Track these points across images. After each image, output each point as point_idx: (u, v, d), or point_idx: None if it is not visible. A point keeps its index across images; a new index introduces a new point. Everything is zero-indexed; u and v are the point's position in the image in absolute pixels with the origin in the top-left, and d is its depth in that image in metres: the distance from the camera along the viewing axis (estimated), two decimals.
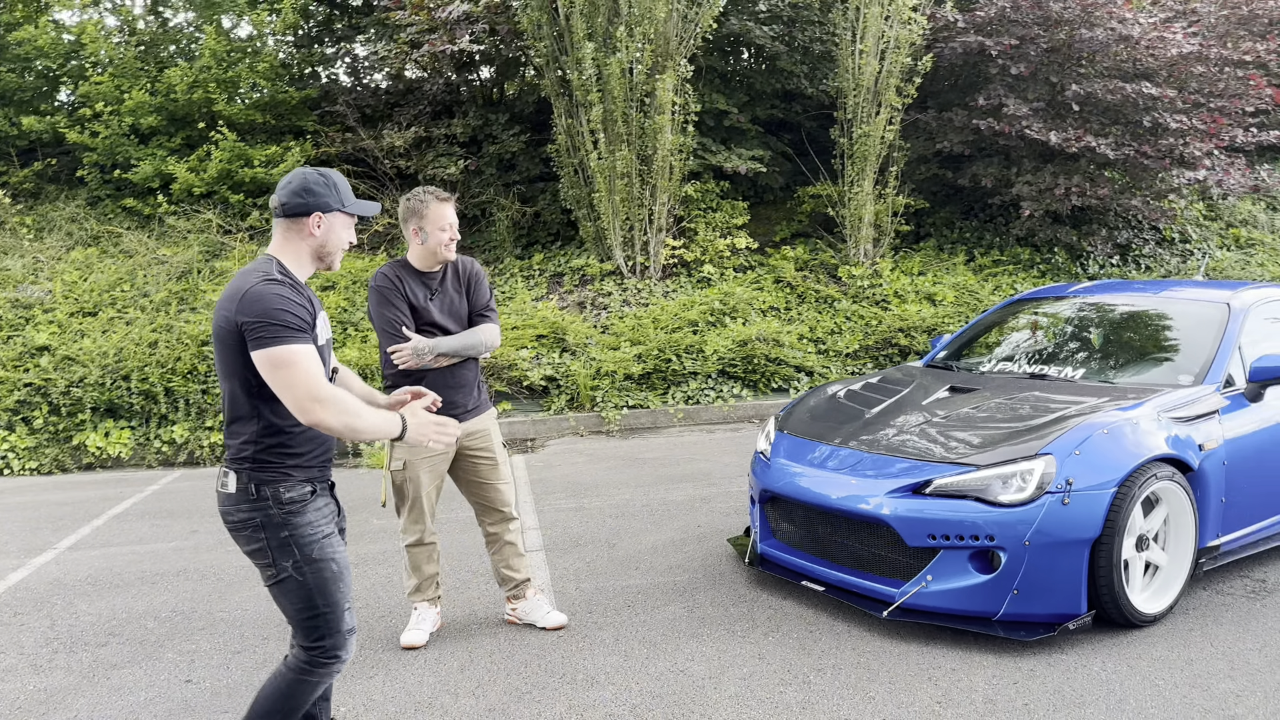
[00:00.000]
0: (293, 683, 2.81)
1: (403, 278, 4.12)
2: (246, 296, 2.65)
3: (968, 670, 3.76)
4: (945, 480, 4.07)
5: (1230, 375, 4.74)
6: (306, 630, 2.78)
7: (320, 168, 2.97)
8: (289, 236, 2.83)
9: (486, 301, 4.27)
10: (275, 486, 2.73)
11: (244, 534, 2.74)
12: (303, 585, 2.74)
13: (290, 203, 2.80)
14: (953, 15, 10.73)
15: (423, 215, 4.05)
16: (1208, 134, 10.64)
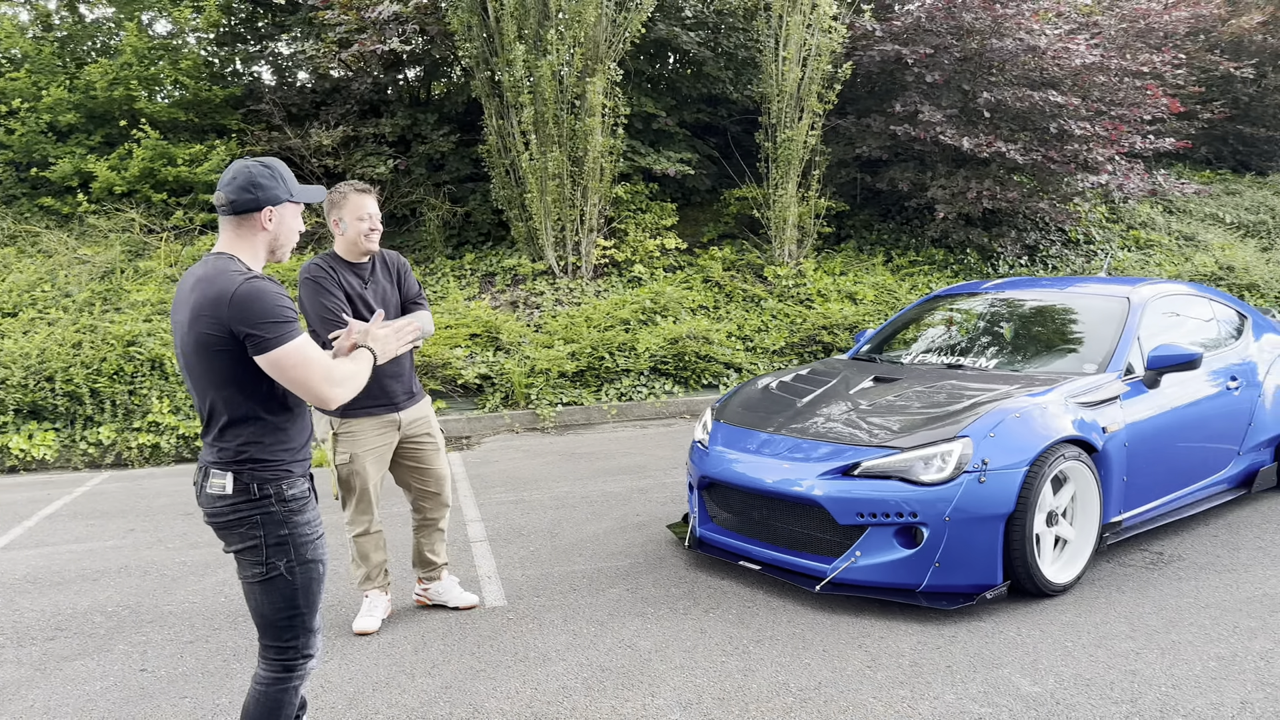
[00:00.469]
0: (276, 695, 2.78)
1: (335, 268, 4.22)
2: (235, 300, 2.57)
3: (894, 637, 4.04)
4: (872, 462, 4.35)
5: (1130, 364, 5.13)
6: (279, 630, 2.76)
7: (262, 158, 2.90)
8: (241, 233, 2.75)
9: (417, 291, 4.42)
10: (279, 484, 2.71)
11: (238, 532, 2.70)
12: (291, 585, 2.72)
13: (240, 199, 2.72)
14: (871, 25, 11.16)
15: (342, 206, 4.18)
16: (1109, 140, 11.26)
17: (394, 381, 4.25)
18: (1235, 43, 14.68)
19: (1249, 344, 6.06)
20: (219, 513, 2.71)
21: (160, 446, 8.39)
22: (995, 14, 10.72)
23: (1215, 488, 5.63)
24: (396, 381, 4.26)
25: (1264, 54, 14.80)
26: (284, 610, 2.74)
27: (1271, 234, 13.76)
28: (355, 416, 4.20)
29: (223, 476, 2.68)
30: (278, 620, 2.74)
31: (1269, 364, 6.02)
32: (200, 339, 2.61)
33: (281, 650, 2.77)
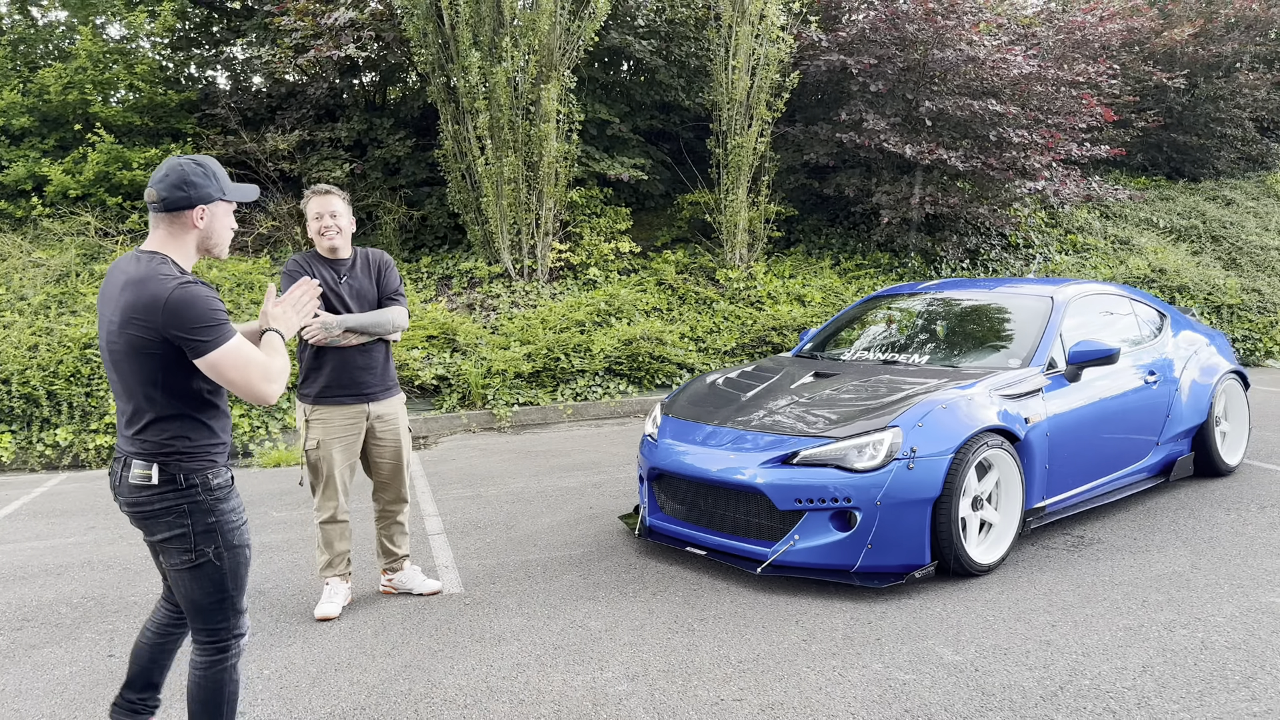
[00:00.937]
0: (216, 676, 2.90)
1: (311, 263, 4.44)
2: (169, 307, 2.65)
3: (829, 614, 4.31)
4: (809, 451, 4.62)
5: (1053, 358, 5.47)
6: (208, 614, 2.86)
7: (196, 156, 2.93)
8: (173, 231, 2.80)
9: (395, 287, 4.62)
10: (205, 474, 2.79)
11: (164, 521, 2.78)
12: (219, 570, 2.83)
13: (171, 197, 2.76)
14: (817, 35, 11.51)
15: (306, 208, 4.43)
16: (1046, 148, 11.71)
17: (366, 374, 4.44)
18: (1168, 54, 15.26)
19: (1168, 341, 6.44)
20: (143, 502, 2.78)
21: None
22: (937, 25, 11.11)
23: (1135, 476, 5.98)
24: (368, 374, 4.46)
25: (1195, 65, 15.40)
26: (214, 594, 2.84)
27: (1202, 238, 14.33)
28: (326, 405, 4.40)
29: (148, 467, 2.76)
30: (208, 605, 2.85)
31: (1186, 360, 6.40)
32: (132, 341, 2.70)
33: (213, 633, 2.88)
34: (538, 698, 3.62)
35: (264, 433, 8.74)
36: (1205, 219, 14.75)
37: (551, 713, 3.50)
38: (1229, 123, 15.90)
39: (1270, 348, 12.05)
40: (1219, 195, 15.64)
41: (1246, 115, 15.98)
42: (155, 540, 2.84)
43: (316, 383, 4.46)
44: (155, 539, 2.83)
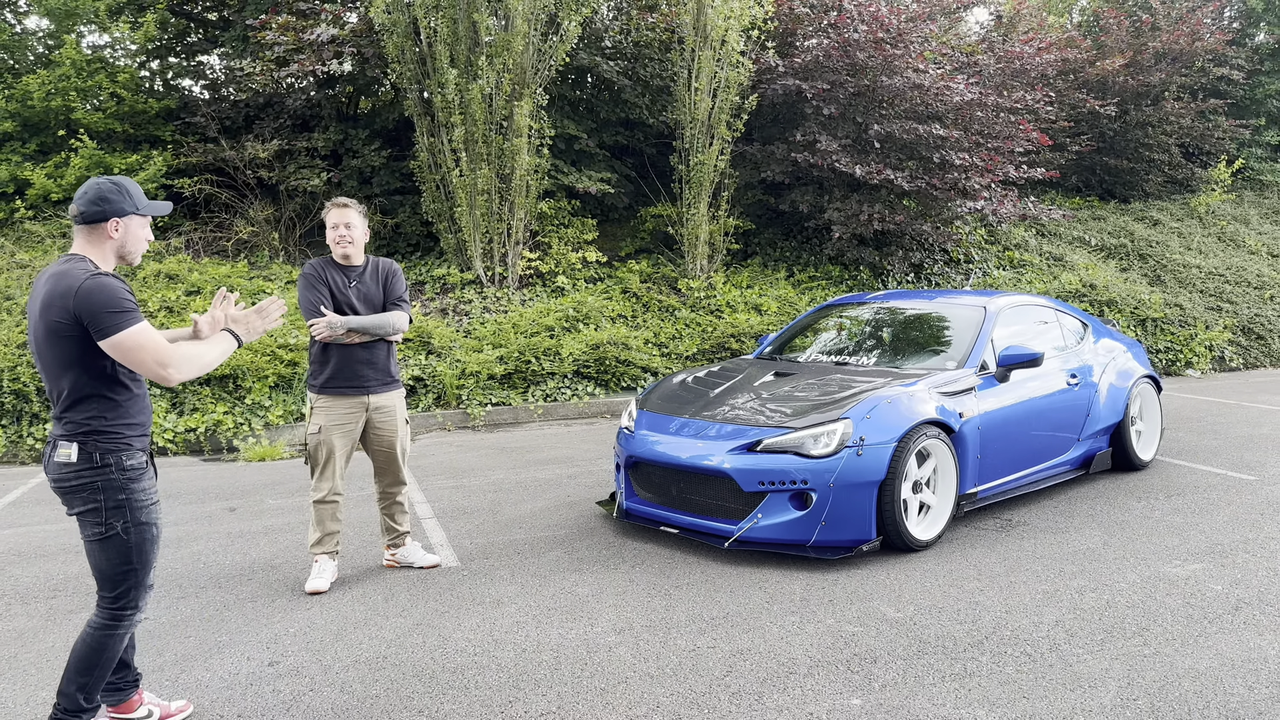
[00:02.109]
0: (102, 639, 3.21)
1: (325, 268, 4.96)
2: (80, 293, 2.98)
3: (788, 580, 4.91)
4: (771, 440, 5.22)
5: (985, 361, 6.14)
6: (114, 582, 3.18)
7: (114, 177, 3.27)
8: (92, 240, 3.16)
9: (400, 293, 5.13)
10: (119, 455, 3.14)
11: (80, 495, 3.13)
12: (125, 544, 3.16)
13: (88, 211, 3.14)
14: (775, 61, 12.20)
15: (325, 219, 4.95)
16: (985, 169, 12.51)
17: (367, 368, 4.95)
18: (1100, 83, 16.25)
19: (1089, 348, 7.17)
20: (64, 479, 3.13)
21: None
22: (885, 54, 11.86)
23: (1059, 468, 6.68)
24: (369, 369, 4.96)
25: (1125, 93, 16.41)
26: (119, 565, 3.18)
27: (1130, 256, 15.29)
28: (329, 394, 4.91)
29: (69, 447, 3.11)
30: (114, 574, 3.19)
31: (1105, 365, 7.13)
32: (50, 326, 3.05)
33: (114, 600, 3.21)
34: (538, 648, 4.17)
35: (248, 429, 9.14)
36: (1133, 238, 15.72)
37: (551, 659, 4.05)
38: (1156, 148, 16.93)
39: (1190, 358, 12.97)
40: (1147, 216, 16.65)
41: (1173, 141, 17.03)
42: (73, 513, 3.20)
43: (322, 374, 4.96)
44: (73, 512, 3.20)
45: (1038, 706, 3.54)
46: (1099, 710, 3.51)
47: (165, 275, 10.68)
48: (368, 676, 3.91)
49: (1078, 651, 4.02)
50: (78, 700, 3.21)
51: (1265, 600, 4.57)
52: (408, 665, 4.01)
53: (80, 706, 3.22)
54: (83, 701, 3.22)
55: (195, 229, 11.80)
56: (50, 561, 5.59)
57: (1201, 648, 4.04)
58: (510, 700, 3.67)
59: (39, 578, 5.29)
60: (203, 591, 5.01)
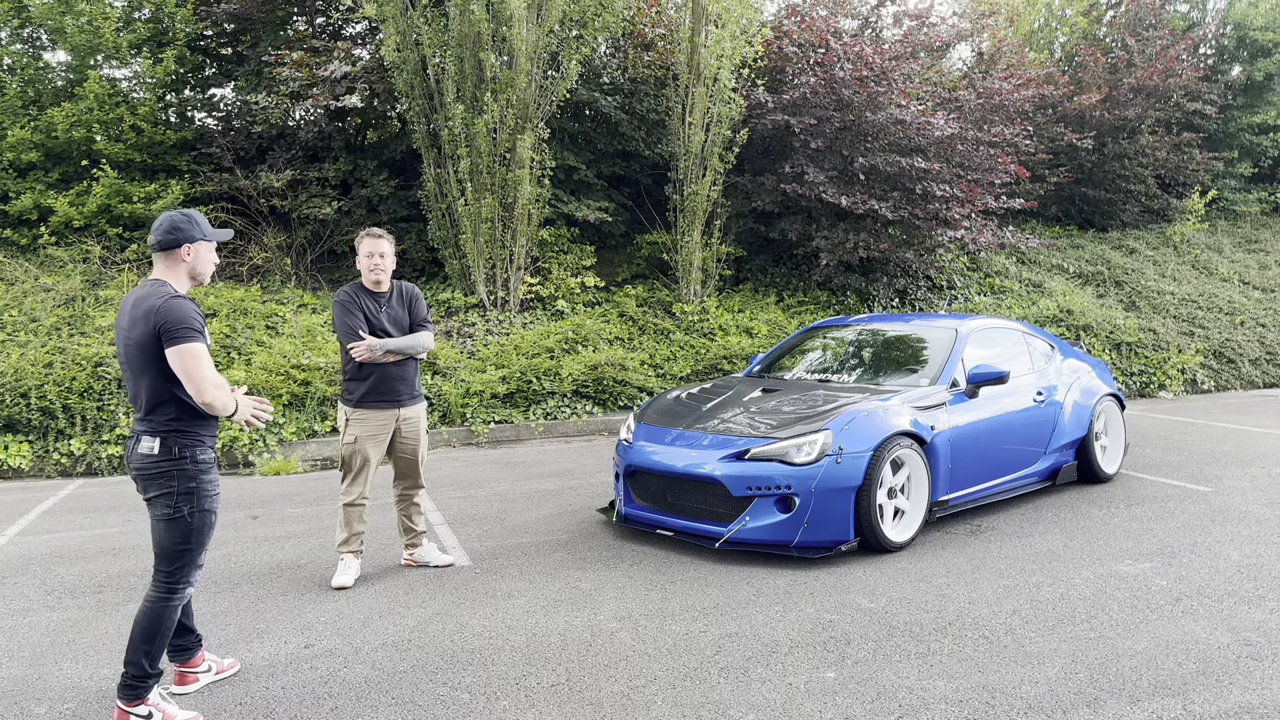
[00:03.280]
0: (160, 609, 3.72)
1: (358, 295, 5.46)
2: (161, 308, 3.57)
3: (773, 576, 5.40)
4: (758, 449, 5.72)
5: (956, 379, 6.66)
6: (172, 559, 3.71)
7: (183, 209, 3.90)
8: (168, 264, 3.75)
9: (424, 315, 5.64)
10: (193, 450, 3.72)
11: (157, 481, 3.68)
12: (189, 526, 3.71)
13: (164, 239, 3.72)
14: (764, 97, 12.81)
15: (359, 248, 5.45)
16: (965, 200, 13.10)
17: (399, 384, 5.45)
18: (1078, 117, 16.89)
19: (1055, 368, 7.69)
20: (145, 467, 3.68)
21: None
22: (869, 91, 12.47)
23: (1026, 479, 7.18)
24: (401, 384, 5.46)
25: (1103, 127, 17.06)
26: (180, 544, 3.71)
27: (1106, 283, 15.88)
28: (365, 408, 5.39)
29: (152, 440, 3.67)
30: (174, 551, 3.72)
31: (1070, 384, 7.65)
32: (139, 339, 3.61)
33: (170, 575, 3.74)
34: (547, 632, 4.64)
35: (263, 445, 9.60)
36: (1110, 265, 16.32)
37: (559, 641, 4.52)
38: (1133, 179, 17.57)
39: (1163, 381, 13.52)
40: (1124, 244, 17.27)
41: (1149, 173, 17.67)
42: (147, 497, 3.73)
43: (359, 390, 5.45)
44: (148, 496, 3.73)
45: (990, 679, 4.02)
46: (1044, 681, 3.99)
47: None
48: (395, 656, 4.38)
49: (1030, 635, 4.51)
50: (144, 667, 3.68)
51: (1204, 593, 5.07)
52: (430, 647, 4.48)
53: (146, 672, 3.69)
54: (148, 667, 3.69)
55: None
56: (91, 562, 6.04)
57: (1142, 632, 4.52)
58: (524, 674, 4.14)
59: (83, 576, 5.75)
60: (237, 587, 5.47)
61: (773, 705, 3.80)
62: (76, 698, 4.00)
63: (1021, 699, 3.82)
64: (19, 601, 5.28)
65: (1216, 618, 4.70)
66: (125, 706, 3.67)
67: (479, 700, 3.90)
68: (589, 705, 3.83)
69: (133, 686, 3.67)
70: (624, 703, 3.85)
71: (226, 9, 12.61)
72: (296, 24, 13.58)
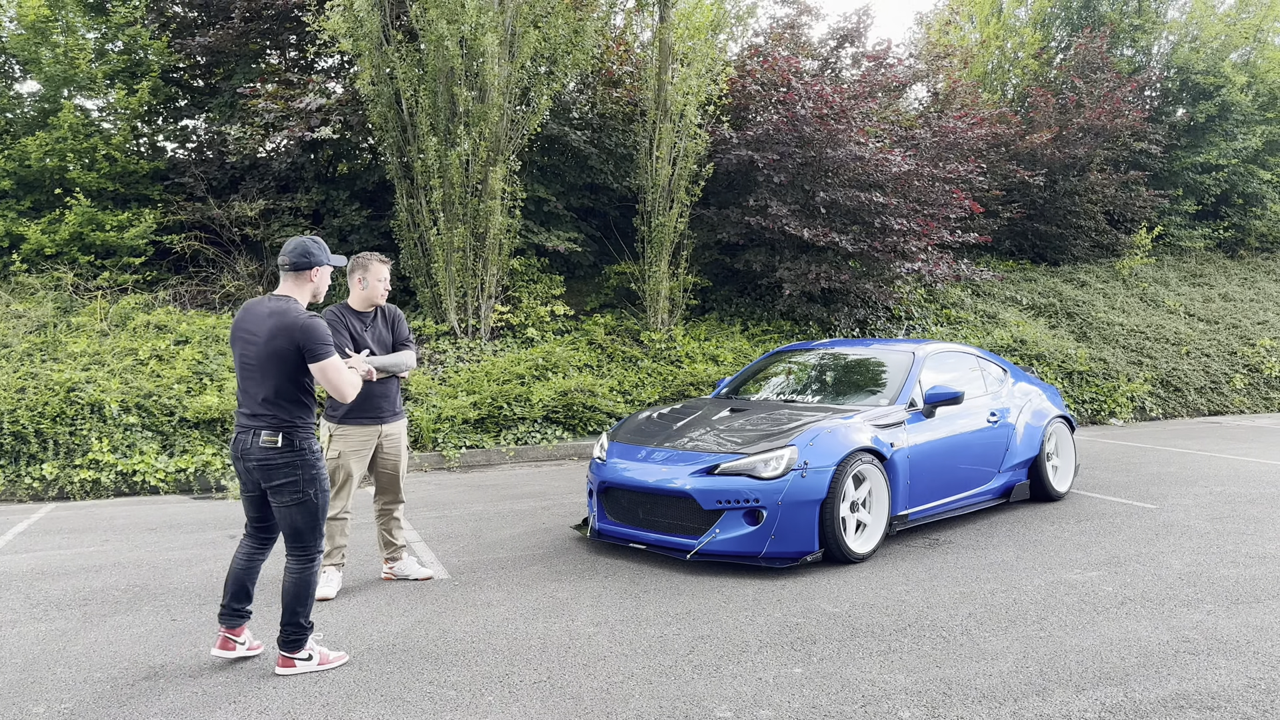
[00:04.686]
0: (305, 576, 4.34)
1: (344, 314, 5.67)
2: (305, 327, 4.16)
3: (742, 585, 5.64)
4: (727, 464, 5.98)
5: (914, 399, 6.98)
6: (303, 534, 4.31)
7: (311, 236, 4.53)
8: (299, 283, 4.37)
9: (407, 334, 5.86)
10: (309, 441, 4.30)
11: (283, 471, 4.23)
12: (315, 506, 4.32)
13: (298, 262, 4.33)
14: (729, 133, 13.23)
15: (367, 269, 5.65)
16: (922, 234, 13.56)
17: (382, 401, 5.65)
18: (1030, 155, 17.52)
19: (1008, 391, 8.05)
20: (270, 459, 4.21)
21: (101, 481, 9.30)
22: (829, 129, 12.94)
23: (981, 496, 7.51)
24: (385, 400, 5.67)
25: (1053, 164, 17.70)
26: (311, 520, 4.32)
27: (1059, 314, 16.43)
28: (349, 424, 5.59)
29: (274, 435, 4.21)
30: (306, 528, 4.31)
31: (1021, 406, 8.01)
32: (276, 349, 4.18)
33: (305, 548, 4.35)
34: (527, 636, 4.84)
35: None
36: (1062, 298, 16.89)
37: (539, 644, 4.72)
38: (1083, 215, 18.22)
39: (1113, 408, 14.01)
40: (1075, 278, 17.88)
41: (1098, 209, 18.34)
42: (272, 485, 4.25)
43: (342, 407, 5.64)
44: (272, 484, 4.25)
45: (947, 672, 4.29)
46: (997, 675, 4.26)
47: (155, 325, 11.26)
48: (381, 659, 4.56)
49: (985, 635, 4.79)
50: (299, 623, 4.34)
51: (1148, 597, 5.38)
52: (415, 651, 4.66)
53: (302, 626, 4.35)
54: (303, 622, 4.35)
55: (182, 283, 12.42)
56: (73, 579, 6.13)
57: (1088, 631, 4.82)
58: (507, 673, 4.34)
59: (67, 590, 5.85)
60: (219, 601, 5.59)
61: (744, 697, 4.03)
62: (73, 698, 4.13)
63: (976, 690, 4.09)
64: (5, 614, 5.37)
65: (1158, 618, 5.01)
66: (289, 654, 4.33)
67: (465, 696, 4.09)
68: (570, 700, 4.03)
69: (294, 641, 4.33)
70: (604, 697, 4.06)
71: (201, 42, 12.81)
72: (270, 57, 13.81)
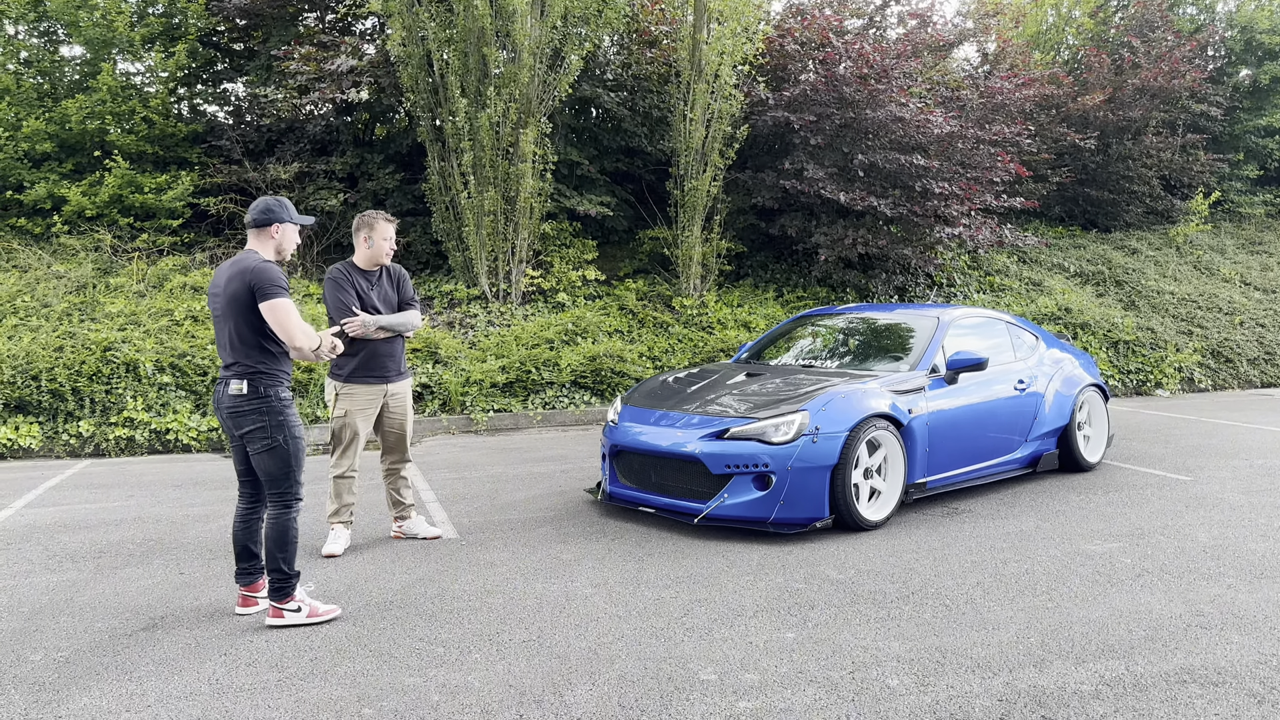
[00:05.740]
0: (283, 523, 4.41)
1: (350, 272, 5.66)
2: (254, 269, 4.23)
3: (748, 550, 5.56)
4: (737, 429, 5.89)
5: (936, 364, 6.80)
6: (279, 480, 4.37)
7: (275, 196, 4.64)
8: (260, 240, 4.42)
9: (412, 294, 5.84)
10: (275, 388, 4.37)
11: (250, 418, 4.31)
12: (287, 452, 4.38)
13: (260, 219, 4.41)
14: (765, 94, 12.98)
15: (372, 228, 5.62)
16: (964, 198, 13.21)
17: (387, 360, 5.65)
18: (1082, 117, 16.97)
19: (1038, 357, 7.82)
20: (236, 405, 4.31)
21: (135, 439, 9.50)
22: (870, 89, 12.62)
23: (1006, 466, 7.32)
24: (389, 360, 5.66)
25: (1106, 127, 17.13)
26: (282, 468, 4.38)
27: (1107, 282, 15.96)
28: (354, 383, 5.59)
29: (240, 382, 4.30)
30: (278, 474, 4.38)
31: (1052, 374, 7.78)
32: (232, 293, 4.26)
33: (282, 494, 4.41)
34: (524, 596, 4.82)
35: None
36: (1111, 265, 16.40)
37: (535, 604, 4.70)
38: (1137, 180, 17.64)
39: (1159, 379, 13.60)
40: (1126, 244, 17.34)
41: (1153, 174, 17.73)
42: (243, 432, 4.34)
43: (349, 366, 5.64)
44: (242, 431, 4.35)
45: (944, 641, 4.18)
46: (995, 645, 4.14)
47: (191, 287, 11.42)
48: (377, 615, 4.57)
49: (989, 604, 4.66)
50: (283, 570, 4.40)
51: (1166, 570, 5.20)
52: (412, 608, 4.67)
53: (286, 574, 4.41)
54: (286, 569, 4.41)
55: (219, 245, 12.56)
56: (93, 531, 6.26)
57: (1097, 603, 4.67)
58: (498, 632, 4.33)
59: (84, 543, 5.97)
60: (229, 555, 5.66)
61: (731, 660, 3.97)
62: (70, 647, 4.20)
63: (971, 659, 3.98)
64: (21, 565, 5.50)
65: (1173, 591, 4.84)
66: (278, 604, 4.39)
67: (452, 653, 4.08)
68: (556, 659, 4.00)
69: (280, 589, 4.39)
70: (590, 657, 4.02)
71: (238, 5, 12.86)
72: (306, 20, 13.84)
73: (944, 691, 3.67)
